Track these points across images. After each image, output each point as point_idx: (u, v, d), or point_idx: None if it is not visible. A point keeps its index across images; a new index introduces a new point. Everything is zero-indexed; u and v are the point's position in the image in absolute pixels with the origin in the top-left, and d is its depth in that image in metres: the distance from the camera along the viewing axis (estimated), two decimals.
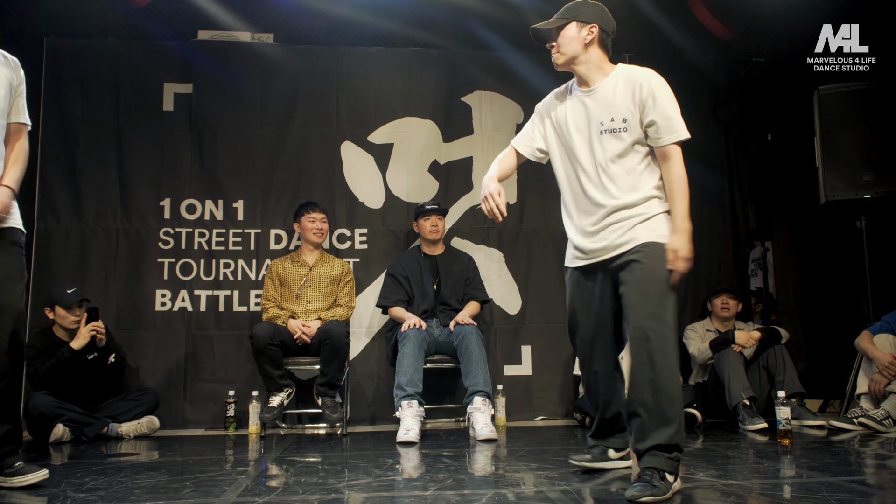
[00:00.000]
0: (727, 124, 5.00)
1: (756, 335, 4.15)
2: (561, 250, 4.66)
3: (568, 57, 2.42)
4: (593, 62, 2.41)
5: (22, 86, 2.57)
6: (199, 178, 4.51)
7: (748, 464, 2.69)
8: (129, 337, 4.27)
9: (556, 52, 2.44)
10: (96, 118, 4.46)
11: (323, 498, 2.11)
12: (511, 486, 2.28)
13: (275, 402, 3.78)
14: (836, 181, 4.34)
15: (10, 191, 2.45)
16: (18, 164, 2.53)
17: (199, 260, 4.43)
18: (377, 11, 4.66)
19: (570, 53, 2.41)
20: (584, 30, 2.40)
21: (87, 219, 4.37)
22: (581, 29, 2.40)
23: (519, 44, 4.78)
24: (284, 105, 4.63)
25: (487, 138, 4.75)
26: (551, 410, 4.51)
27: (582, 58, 2.40)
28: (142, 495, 2.18)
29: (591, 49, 2.40)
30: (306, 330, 3.90)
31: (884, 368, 3.64)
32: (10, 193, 2.44)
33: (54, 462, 3.01)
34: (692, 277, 4.78)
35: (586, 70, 2.41)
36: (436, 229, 4.21)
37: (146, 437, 3.84)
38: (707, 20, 4.82)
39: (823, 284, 4.87)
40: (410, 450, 3.18)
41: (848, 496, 1.98)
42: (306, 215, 4.15)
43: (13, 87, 2.51)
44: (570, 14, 2.43)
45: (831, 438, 3.38)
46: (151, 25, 4.55)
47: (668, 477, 2.06)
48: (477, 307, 4.19)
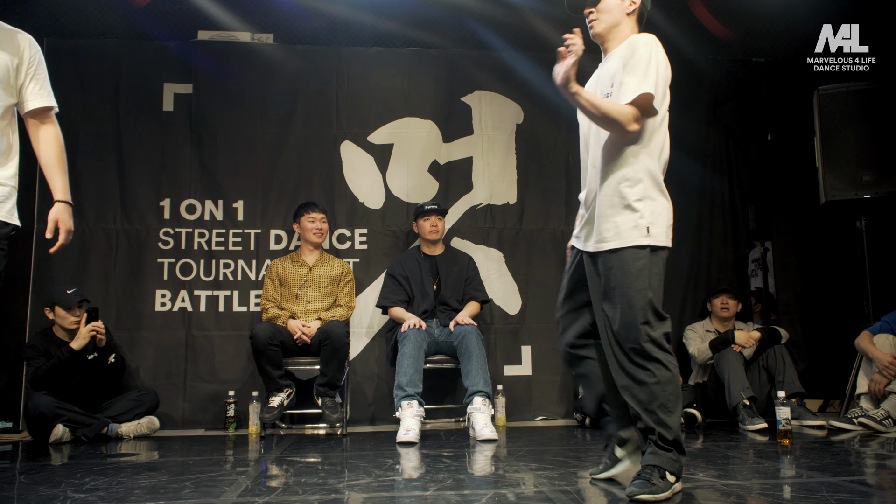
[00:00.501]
0: (727, 124, 5.00)
1: (756, 335, 4.15)
2: (561, 250, 4.71)
3: (608, 24, 2.27)
4: (624, 31, 2.28)
5: (34, 66, 2.36)
6: (198, 179, 4.51)
7: (748, 464, 2.69)
8: (128, 337, 4.27)
9: (596, 19, 2.29)
10: (96, 118, 4.46)
11: (323, 498, 2.11)
12: (511, 486, 2.28)
13: (275, 402, 3.78)
14: (836, 181, 4.34)
15: (66, 206, 2.33)
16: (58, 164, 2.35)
17: (198, 260, 4.43)
18: (377, 11, 4.66)
19: (611, 21, 2.27)
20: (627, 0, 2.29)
21: (87, 219, 4.37)
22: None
23: (519, 44, 4.78)
24: (284, 105, 4.63)
25: (487, 138, 4.75)
26: (551, 411, 4.51)
27: (619, 28, 2.27)
28: (142, 496, 2.18)
29: (628, 21, 2.28)
30: (306, 330, 3.90)
31: (884, 368, 3.64)
32: (67, 209, 2.33)
33: (54, 462, 3.01)
34: (692, 278, 4.78)
35: (616, 42, 2.28)
36: (435, 229, 4.21)
37: (146, 437, 3.84)
38: (707, 20, 4.82)
39: (823, 284, 4.87)
40: (410, 450, 3.18)
41: (848, 496, 1.98)
42: (306, 215, 4.15)
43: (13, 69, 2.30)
44: None
45: (831, 438, 3.38)
46: (151, 26, 4.55)
47: (668, 476, 2.02)
48: (477, 307, 4.19)
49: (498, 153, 4.75)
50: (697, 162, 4.85)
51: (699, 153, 4.88)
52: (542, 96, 4.72)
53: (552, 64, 2.15)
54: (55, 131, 2.42)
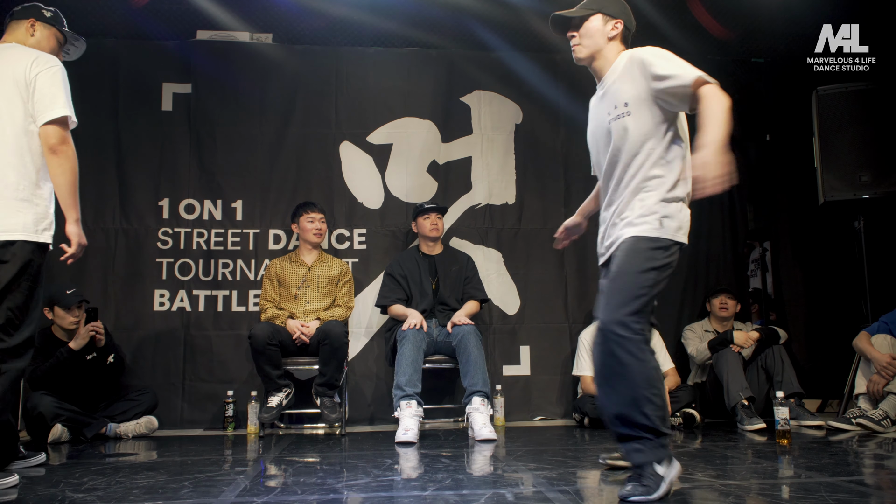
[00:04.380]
0: None
1: (754, 335, 4.15)
2: (559, 250, 4.70)
3: (591, 50, 2.32)
4: (609, 55, 2.31)
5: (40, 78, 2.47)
6: (197, 178, 4.51)
7: (746, 464, 2.69)
8: (127, 337, 4.26)
9: (578, 45, 2.33)
10: (95, 118, 4.45)
11: (322, 498, 2.11)
12: (510, 486, 2.28)
13: (273, 402, 3.78)
14: (835, 181, 4.35)
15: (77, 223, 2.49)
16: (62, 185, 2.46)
17: (197, 260, 4.42)
18: (376, 11, 4.66)
19: (593, 47, 2.31)
20: (610, 24, 2.31)
21: (86, 219, 4.33)
22: (606, 23, 2.31)
23: (518, 44, 4.79)
24: (283, 105, 4.62)
25: (486, 138, 4.75)
26: (550, 411, 4.51)
27: (603, 53, 2.31)
28: (140, 495, 2.18)
29: (612, 44, 2.32)
30: (305, 330, 3.90)
31: (882, 369, 3.64)
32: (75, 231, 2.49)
33: (52, 462, 3.01)
34: (691, 278, 4.79)
35: (602, 66, 2.32)
36: (436, 227, 4.21)
37: (145, 437, 3.84)
38: (706, 20, 4.83)
39: (822, 285, 4.88)
40: (409, 450, 3.18)
41: (846, 496, 1.99)
42: (305, 215, 4.15)
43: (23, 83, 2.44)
44: (595, 5, 2.33)
45: (829, 439, 3.38)
46: (150, 25, 4.55)
47: (658, 469, 1.98)
48: (475, 306, 4.19)
49: (497, 153, 4.75)
50: None
51: None
52: (541, 96, 4.72)
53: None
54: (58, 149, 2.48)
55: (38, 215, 2.45)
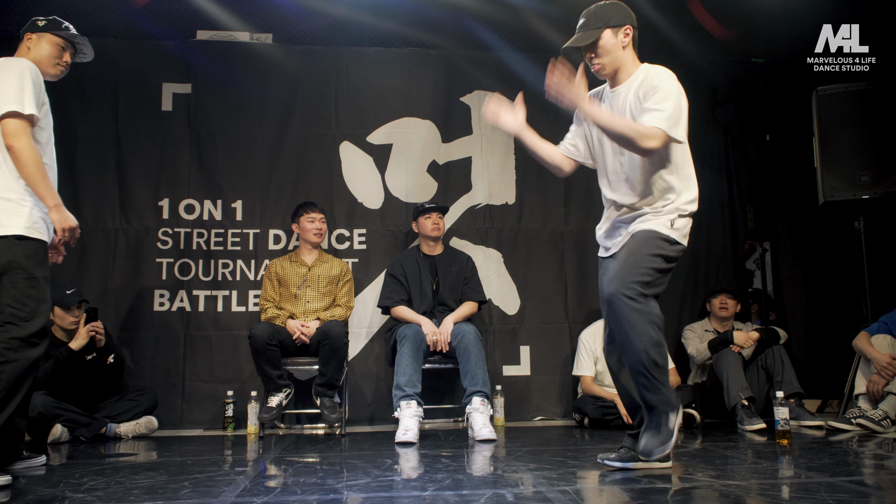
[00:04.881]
0: (726, 125, 5.01)
1: (754, 335, 4.15)
2: (559, 250, 4.71)
3: (614, 66, 2.41)
4: (627, 63, 2.41)
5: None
6: (197, 179, 4.51)
7: (746, 464, 2.69)
8: (127, 337, 4.27)
9: (600, 65, 2.41)
10: (95, 118, 4.46)
11: (321, 498, 2.11)
12: (510, 486, 2.28)
13: (273, 402, 3.78)
14: (835, 181, 4.35)
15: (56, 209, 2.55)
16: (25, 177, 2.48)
17: (197, 260, 4.42)
18: (376, 12, 4.65)
19: (615, 62, 2.41)
20: (620, 34, 2.38)
21: (86, 219, 4.36)
22: (616, 34, 2.38)
23: (518, 44, 4.78)
24: (283, 105, 4.62)
25: (486, 138, 4.75)
26: (550, 411, 4.51)
27: (623, 62, 2.41)
28: (140, 495, 2.17)
29: (627, 52, 2.41)
30: (305, 330, 3.90)
31: (882, 369, 3.64)
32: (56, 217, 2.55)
33: (52, 462, 3.00)
34: (691, 278, 4.79)
35: (622, 76, 2.43)
36: (437, 227, 4.21)
37: (144, 437, 3.84)
38: (706, 21, 4.82)
39: (822, 285, 4.88)
40: (409, 450, 3.18)
41: (846, 496, 1.98)
42: (305, 215, 4.15)
43: None
44: (600, 21, 2.38)
45: (829, 439, 3.38)
46: (150, 25, 4.55)
47: (670, 421, 2.26)
48: (472, 307, 4.16)
49: (497, 153, 4.75)
50: (696, 162, 4.82)
51: (698, 153, 4.80)
52: (541, 96, 4.69)
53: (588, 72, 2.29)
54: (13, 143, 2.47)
55: (12, 210, 2.49)
